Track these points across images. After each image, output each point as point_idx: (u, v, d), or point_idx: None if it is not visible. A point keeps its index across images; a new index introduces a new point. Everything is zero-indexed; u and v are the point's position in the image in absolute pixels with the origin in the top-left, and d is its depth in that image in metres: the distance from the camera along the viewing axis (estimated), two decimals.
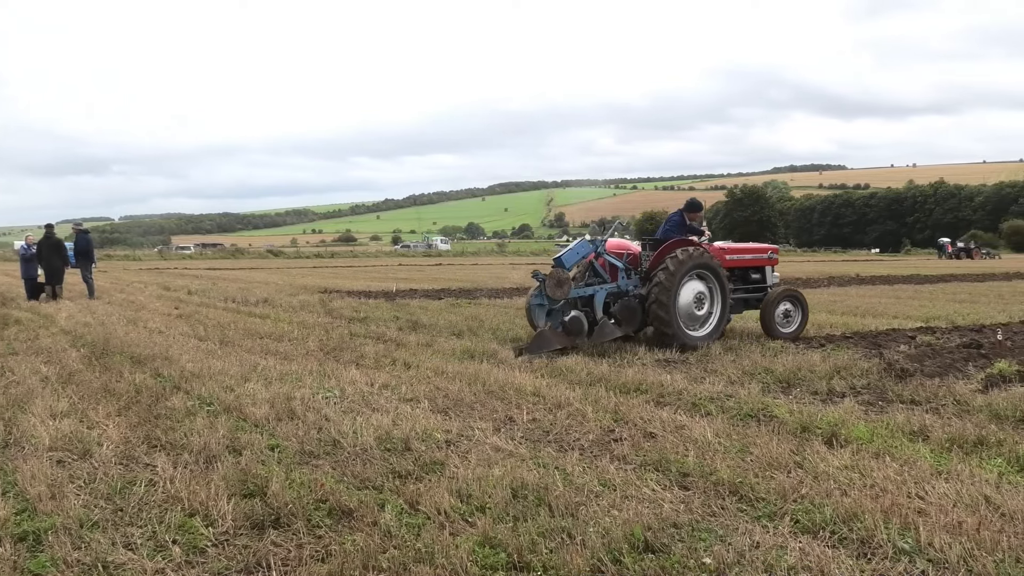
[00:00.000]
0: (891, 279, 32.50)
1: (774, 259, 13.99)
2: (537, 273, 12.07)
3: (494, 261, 66.48)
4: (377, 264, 57.47)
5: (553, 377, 9.34)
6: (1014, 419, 7.21)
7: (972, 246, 79.24)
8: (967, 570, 4.08)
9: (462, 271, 42.67)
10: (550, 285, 11.64)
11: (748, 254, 13.89)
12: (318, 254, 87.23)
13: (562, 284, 11.67)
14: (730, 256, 13.30)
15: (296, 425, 7.05)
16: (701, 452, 6.13)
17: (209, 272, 41.52)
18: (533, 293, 12.04)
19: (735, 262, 13.41)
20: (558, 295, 11.66)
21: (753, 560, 4.19)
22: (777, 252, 14.30)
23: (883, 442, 6.40)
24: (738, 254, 13.67)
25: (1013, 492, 5.16)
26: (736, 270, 13.42)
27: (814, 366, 9.77)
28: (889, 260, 75.49)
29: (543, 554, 4.29)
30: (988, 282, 30.90)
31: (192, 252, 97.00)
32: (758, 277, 13.76)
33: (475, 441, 6.58)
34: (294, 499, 5.06)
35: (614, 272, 12.51)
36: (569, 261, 12.15)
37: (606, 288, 12.20)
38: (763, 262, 13.86)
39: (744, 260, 13.70)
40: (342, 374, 9.50)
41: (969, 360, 10.33)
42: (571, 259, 12.21)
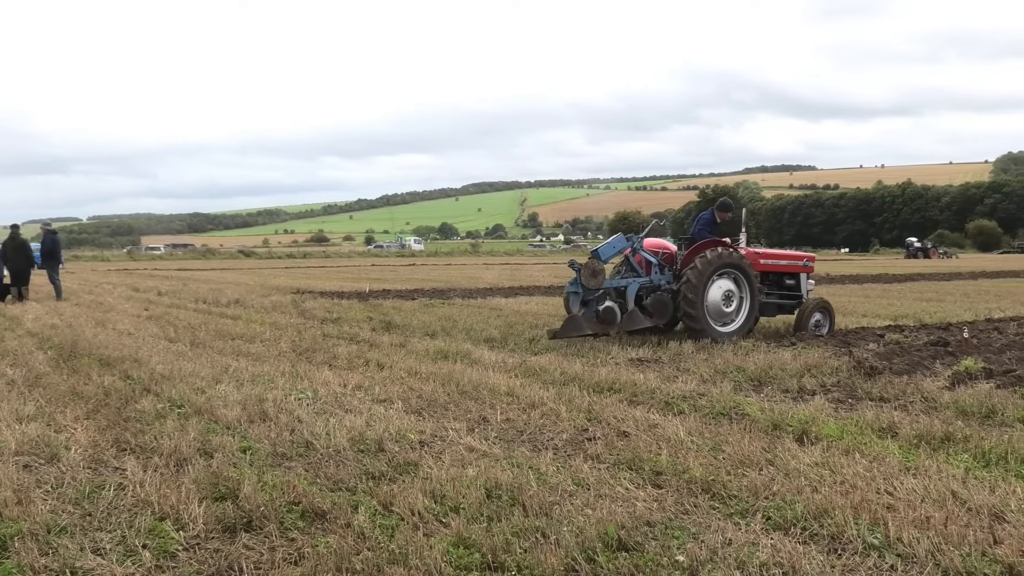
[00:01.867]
0: (860, 278, 32.89)
1: (809, 267, 14.43)
2: (574, 263, 12.62)
3: (468, 261, 66.43)
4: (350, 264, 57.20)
5: (527, 377, 9.35)
6: (980, 415, 7.33)
7: (929, 246, 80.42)
8: (935, 564, 4.14)
9: (436, 271, 42.59)
10: (585, 275, 12.17)
11: (783, 260, 14.44)
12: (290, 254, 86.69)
13: (596, 274, 12.21)
14: (764, 260, 13.86)
15: (268, 427, 7.00)
16: (674, 450, 6.16)
17: (179, 273, 41.12)
18: (570, 282, 12.58)
19: (769, 267, 13.92)
20: (592, 284, 12.18)
21: (725, 557, 4.23)
22: (813, 260, 14.78)
23: (853, 439, 6.48)
24: (773, 259, 14.24)
25: (979, 487, 5.25)
26: (771, 275, 13.92)
27: (785, 364, 9.87)
28: (858, 259, 76.38)
29: (517, 554, 4.30)
30: (954, 281, 31.38)
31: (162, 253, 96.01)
32: (792, 283, 14.18)
33: (449, 441, 6.57)
34: (266, 502, 5.02)
35: (648, 268, 13.03)
36: (605, 254, 12.76)
37: (639, 281, 12.73)
38: (798, 269, 14.30)
39: (779, 266, 14.18)
40: (315, 375, 9.45)
41: (936, 358, 10.48)
42: (607, 252, 12.84)
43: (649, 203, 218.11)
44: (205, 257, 79.89)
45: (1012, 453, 5.97)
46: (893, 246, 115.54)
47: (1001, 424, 7.04)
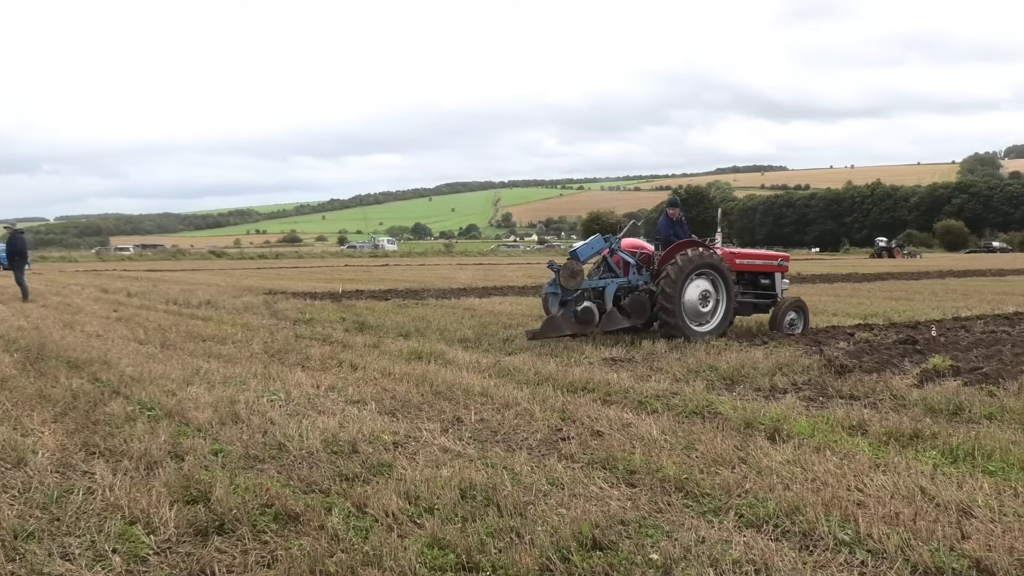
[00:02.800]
0: (831, 277, 33.22)
1: (784, 266, 14.64)
2: (552, 263, 12.70)
3: (441, 261, 66.33)
4: (323, 265, 56.89)
5: (501, 377, 9.35)
6: (947, 412, 7.44)
7: (894, 246, 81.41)
8: (904, 559, 4.19)
9: (409, 271, 42.47)
10: (564, 275, 12.29)
11: (758, 260, 14.65)
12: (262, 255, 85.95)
13: (575, 275, 12.34)
14: (740, 260, 14.04)
15: (240, 429, 6.94)
16: (647, 449, 6.19)
17: (149, 274, 40.65)
18: (548, 282, 12.70)
19: (744, 266, 14.07)
20: (571, 285, 12.32)
21: (699, 555, 4.25)
22: (788, 260, 15.00)
23: (824, 436, 6.55)
24: (748, 259, 14.42)
25: (947, 483, 5.32)
26: (746, 274, 14.06)
27: (757, 363, 9.95)
28: (829, 259, 77.17)
29: (492, 554, 4.30)
30: (923, 280, 31.80)
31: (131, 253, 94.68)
32: (768, 283, 14.34)
33: (423, 442, 6.55)
34: (239, 504, 4.98)
35: (626, 268, 13.13)
36: (583, 255, 12.90)
37: (617, 282, 12.84)
38: (773, 268, 14.48)
39: (754, 265, 14.36)
40: (287, 376, 9.39)
41: (905, 356, 10.61)
42: (585, 253, 12.99)
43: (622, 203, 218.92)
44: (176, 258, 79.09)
45: (979, 449, 6.07)
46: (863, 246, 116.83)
47: (968, 421, 7.15)
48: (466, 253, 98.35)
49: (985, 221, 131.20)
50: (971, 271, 40.23)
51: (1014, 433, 6.58)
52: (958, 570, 4.09)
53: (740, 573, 4.07)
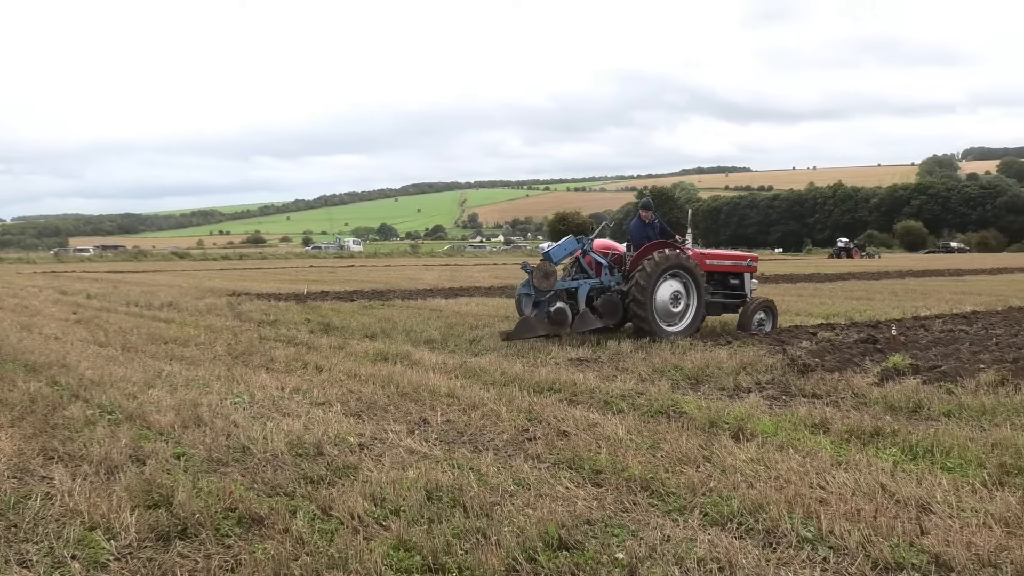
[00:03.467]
0: (793, 278, 33.62)
1: (753, 267, 14.85)
2: (526, 265, 12.82)
3: (407, 262, 66.07)
4: (287, 266, 56.38)
5: (467, 378, 9.34)
6: (907, 410, 7.56)
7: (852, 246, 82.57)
8: (865, 556, 4.26)
9: (375, 272, 42.26)
10: (537, 276, 12.39)
11: (728, 260, 14.83)
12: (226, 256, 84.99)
13: (548, 276, 12.42)
14: (710, 261, 14.21)
15: (203, 432, 6.86)
16: (613, 449, 6.22)
17: (110, 275, 40.03)
18: (522, 283, 12.79)
19: (714, 267, 14.26)
20: (544, 286, 12.41)
21: (664, 553, 4.28)
22: (756, 260, 15.21)
23: (787, 435, 6.62)
24: (718, 259, 14.61)
25: (907, 479, 5.41)
26: (716, 275, 14.24)
27: (721, 363, 10.03)
28: (792, 259, 78.08)
29: (458, 555, 4.29)
30: (883, 280, 32.29)
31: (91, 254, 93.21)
32: (737, 283, 14.53)
33: (389, 444, 6.53)
34: (201, 508, 4.92)
35: (599, 269, 13.22)
36: (556, 256, 12.97)
37: (590, 283, 12.92)
38: (742, 269, 14.67)
39: (724, 266, 14.55)
40: (251, 379, 9.30)
41: (866, 355, 10.77)
42: (558, 254, 13.06)
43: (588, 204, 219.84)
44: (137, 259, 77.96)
45: (938, 446, 6.17)
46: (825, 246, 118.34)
47: (927, 418, 7.27)
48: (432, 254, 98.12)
49: (943, 222, 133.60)
50: (930, 271, 40.95)
51: (971, 430, 6.71)
52: (917, 565, 4.16)
53: (705, 571, 4.10)
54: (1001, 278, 34.05)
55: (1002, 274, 37.98)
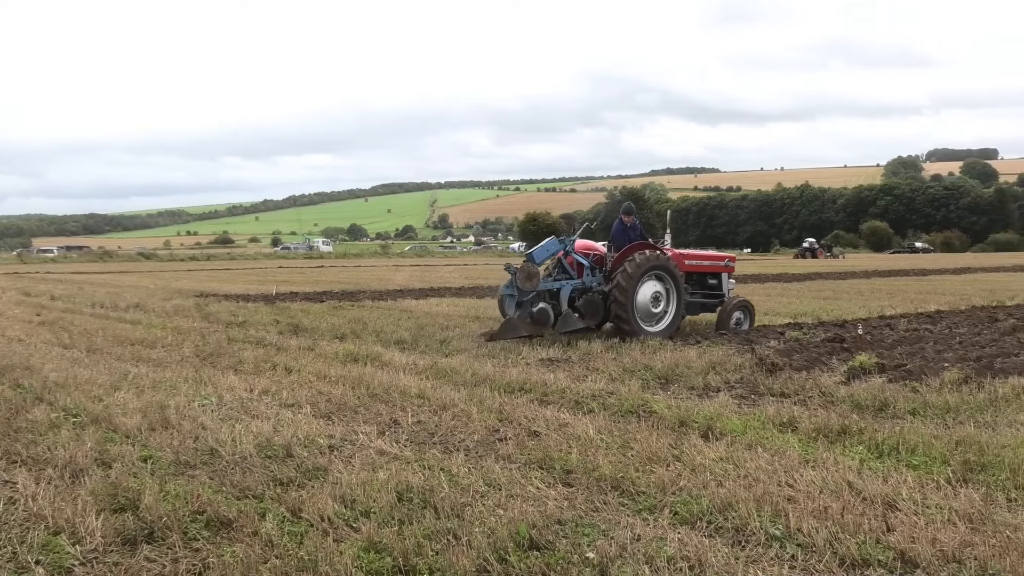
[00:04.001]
0: (761, 277, 33.91)
1: (731, 267, 15.11)
2: (509, 266, 13.01)
3: (377, 263, 65.76)
4: (256, 267, 55.90)
5: (438, 379, 9.32)
6: (873, 408, 7.66)
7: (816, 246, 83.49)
8: (832, 553, 4.31)
9: (345, 273, 42.03)
10: (521, 277, 12.55)
11: (706, 260, 15.08)
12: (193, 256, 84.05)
13: (531, 277, 12.59)
14: (689, 261, 14.41)
15: (171, 435, 6.79)
16: (584, 449, 6.24)
17: (75, 276, 39.43)
18: (505, 284, 12.98)
19: (693, 267, 14.46)
20: (527, 287, 12.57)
21: (634, 552, 4.30)
22: (734, 260, 15.50)
23: (755, 434, 6.68)
24: (697, 260, 14.83)
25: (873, 477, 5.48)
26: (694, 275, 14.45)
27: (691, 362, 10.10)
28: (760, 259, 78.77)
29: (429, 556, 4.28)
30: (849, 280, 32.68)
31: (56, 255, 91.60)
32: (715, 283, 14.78)
33: (359, 445, 6.50)
34: (169, 512, 4.87)
35: (580, 270, 13.35)
36: (539, 257, 13.09)
37: (572, 284, 13.05)
38: (720, 269, 14.93)
39: (702, 266, 14.78)
40: (220, 380, 9.21)
41: (833, 354, 10.90)
42: (541, 255, 13.17)
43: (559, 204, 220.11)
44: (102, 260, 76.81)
45: (903, 444, 6.26)
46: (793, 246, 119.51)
47: (893, 416, 7.37)
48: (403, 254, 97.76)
49: (908, 222, 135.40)
50: (895, 271, 41.50)
51: (936, 428, 6.81)
52: (884, 562, 4.22)
53: (675, 570, 4.13)
54: (964, 278, 34.60)
55: (965, 274, 38.59)
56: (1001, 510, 4.89)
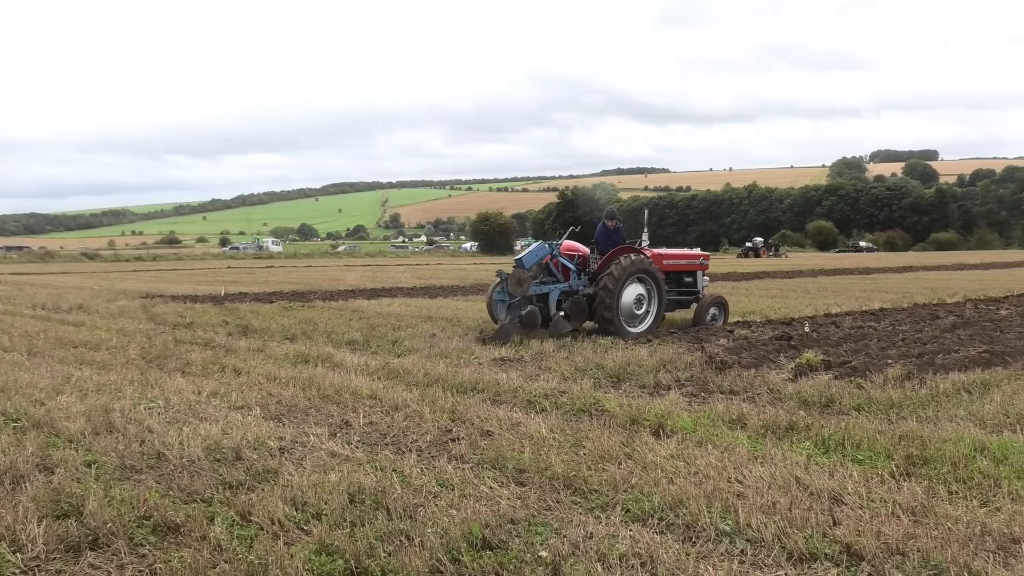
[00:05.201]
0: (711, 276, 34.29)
1: (705, 265, 15.70)
2: (501, 272, 13.33)
3: (328, 263, 65.16)
4: (204, 267, 54.99)
5: (390, 379, 9.27)
6: (820, 405, 7.81)
7: (760, 246, 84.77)
8: (781, 547, 4.38)
9: (295, 273, 41.56)
10: (512, 283, 12.97)
11: (683, 259, 15.59)
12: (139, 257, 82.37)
13: (522, 282, 13.00)
14: (667, 261, 14.85)
15: (116, 439, 6.65)
16: (536, 448, 6.25)
17: (14, 277, 38.39)
18: (495, 289, 13.34)
19: (671, 266, 14.97)
20: (518, 292, 12.98)
21: (587, 550, 4.32)
22: (708, 259, 16.10)
23: (705, 431, 6.76)
24: (674, 259, 15.32)
25: (820, 472, 5.59)
26: (671, 273, 14.93)
27: (642, 361, 10.19)
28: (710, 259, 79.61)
29: (381, 558, 4.26)
30: (796, 278, 33.24)
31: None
32: (691, 281, 15.36)
33: (310, 447, 6.43)
34: (114, 517, 4.77)
35: (566, 273, 13.80)
36: (528, 262, 13.42)
37: (559, 287, 13.54)
38: (695, 267, 15.51)
39: (679, 265, 15.31)
40: (166, 383, 9.05)
41: (781, 351, 11.08)
42: (530, 260, 13.52)
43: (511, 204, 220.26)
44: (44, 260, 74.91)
45: (848, 439, 6.39)
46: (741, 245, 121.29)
47: (838, 412, 7.52)
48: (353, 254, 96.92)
49: (853, 222, 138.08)
50: (841, 269, 42.30)
51: (880, 423, 6.97)
52: (830, 555, 4.30)
53: (627, 567, 4.16)
54: (907, 276, 35.42)
55: (907, 272, 39.51)
56: (943, 503, 5.02)
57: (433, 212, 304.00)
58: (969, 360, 10.02)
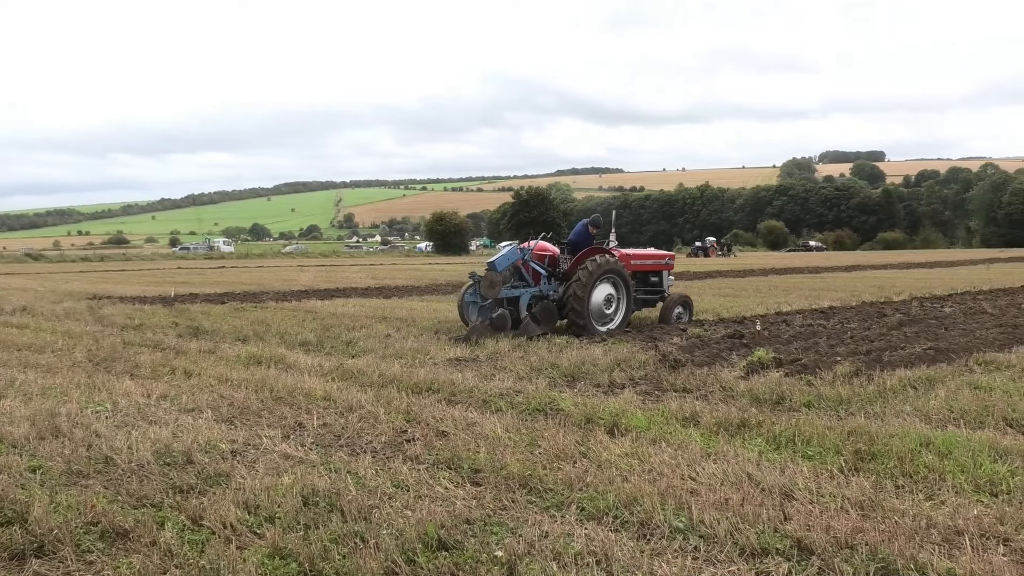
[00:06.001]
0: None
1: (670, 264, 16.04)
2: (474, 274, 13.51)
3: (281, 263, 64.45)
4: (153, 268, 54.04)
5: (344, 380, 9.20)
6: (771, 402, 7.92)
7: (708, 245, 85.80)
8: (733, 543, 4.43)
9: (247, 274, 41.03)
10: (484, 285, 13.11)
11: (650, 260, 15.86)
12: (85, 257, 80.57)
13: (494, 285, 13.15)
14: (635, 261, 15.14)
15: (62, 443, 6.50)
16: (492, 447, 6.25)
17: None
18: (468, 291, 13.52)
19: (638, 266, 15.25)
20: (490, 294, 13.14)
21: (542, 550, 4.33)
22: (674, 259, 16.45)
23: (659, 429, 6.82)
24: (642, 259, 15.57)
25: (771, 468, 5.67)
26: (638, 273, 15.20)
27: (596, 360, 10.24)
28: None
29: (336, 561, 4.22)
30: (748, 277, 33.69)
31: None
32: (656, 280, 15.63)
33: (263, 450, 6.36)
34: (60, 523, 4.66)
35: (537, 276, 14.05)
36: (501, 265, 13.55)
37: (530, 291, 13.78)
38: (661, 267, 15.82)
39: (646, 265, 15.58)
40: (114, 386, 8.88)
41: (733, 349, 11.22)
42: (503, 264, 13.65)
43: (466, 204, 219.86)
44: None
45: (799, 436, 6.49)
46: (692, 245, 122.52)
47: (789, 409, 7.64)
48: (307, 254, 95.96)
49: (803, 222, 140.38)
50: (791, 269, 42.98)
51: (829, 419, 7.09)
52: (781, 550, 4.36)
53: (582, 565, 4.18)
54: (855, 275, 36.10)
55: (856, 271, 40.28)
56: (890, 497, 5.12)
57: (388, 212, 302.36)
58: (915, 357, 10.25)
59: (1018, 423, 6.95)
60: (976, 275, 33.37)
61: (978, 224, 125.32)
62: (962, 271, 38.39)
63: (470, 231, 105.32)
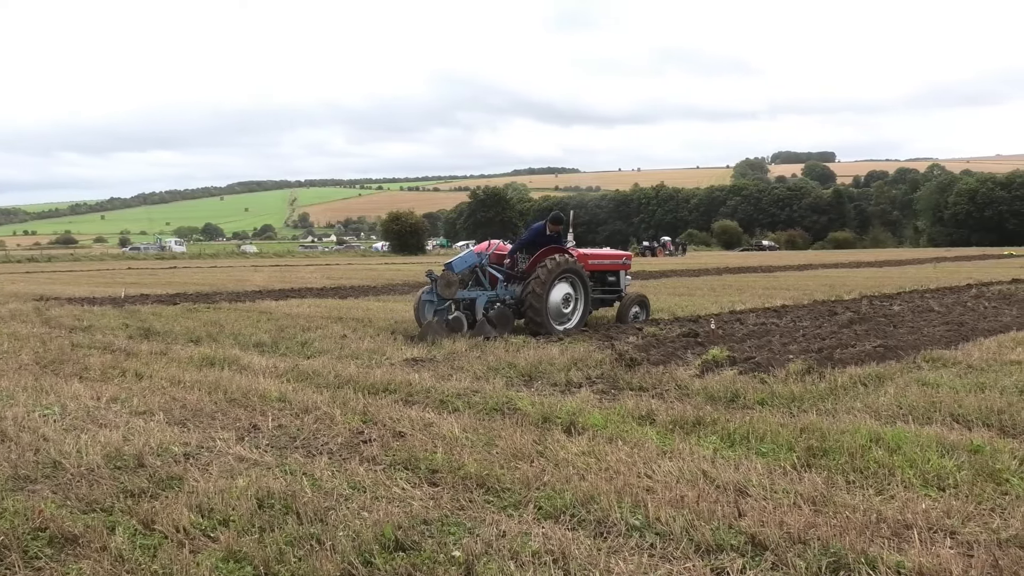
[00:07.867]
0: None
1: (628, 264, 16.22)
2: (431, 272, 13.51)
3: (234, 263, 63.61)
4: (103, 268, 52.98)
5: (299, 381, 9.11)
6: (726, 400, 8.01)
7: (656, 245, 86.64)
8: (688, 539, 4.48)
9: (200, 274, 40.43)
10: (441, 285, 13.14)
11: (607, 259, 16.02)
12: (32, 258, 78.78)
13: (451, 285, 13.21)
14: (592, 261, 15.22)
15: (8, 448, 6.35)
16: (449, 448, 6.24)
17: None
18: (425, 290, 13.46)
19: (596, 266, 15.34)
20: (447, 295, 13.20)
21: (500, 549, 4.34)
22: (631, 259, 16.66)
23: (616, 427, 6.86)
24: (599, 259, 15.71)
25: (726, 465, 5.74)
26: (596, 273, 15.29)
27: (553, 359, 10.28)
28: None
29: (291, 563, 4.18)
30: (703, 277, 34.07)
31: None
32: (614, 280, 15.76)
33: (217, 452, 6.27)
34: (7, 530, 4.56)
35: (494, 280, 14.13)
36: (458, 267, 13.61)
37: (487, 295, 13.79)
38: (619, 267, 15.98)
39: (603, 265, 15.71)
40: (63, 389, 8.69)
41: (688, 348, 11.34)
42: (460, 265, 13.71)
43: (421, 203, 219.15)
44: None
45: (753, 433, 6.58)
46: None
47: (743, 407, 7.73)
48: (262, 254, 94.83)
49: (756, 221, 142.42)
50: (745, 268, 43.54)
51: (782, 417, 7.19)
52: (736, 546, 4.41)
53: (539, 564, 4.19)
54: (807, 274, 36.68)
55: (807, 270, 40.92)
56: (841, 492, 5.21)
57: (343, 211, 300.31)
58: (865, 354, 10.45)
59: (964, 418, 7.12)
60: (924, 274, 34.12)
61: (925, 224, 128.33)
62: (910, 270, 39.23)
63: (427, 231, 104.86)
